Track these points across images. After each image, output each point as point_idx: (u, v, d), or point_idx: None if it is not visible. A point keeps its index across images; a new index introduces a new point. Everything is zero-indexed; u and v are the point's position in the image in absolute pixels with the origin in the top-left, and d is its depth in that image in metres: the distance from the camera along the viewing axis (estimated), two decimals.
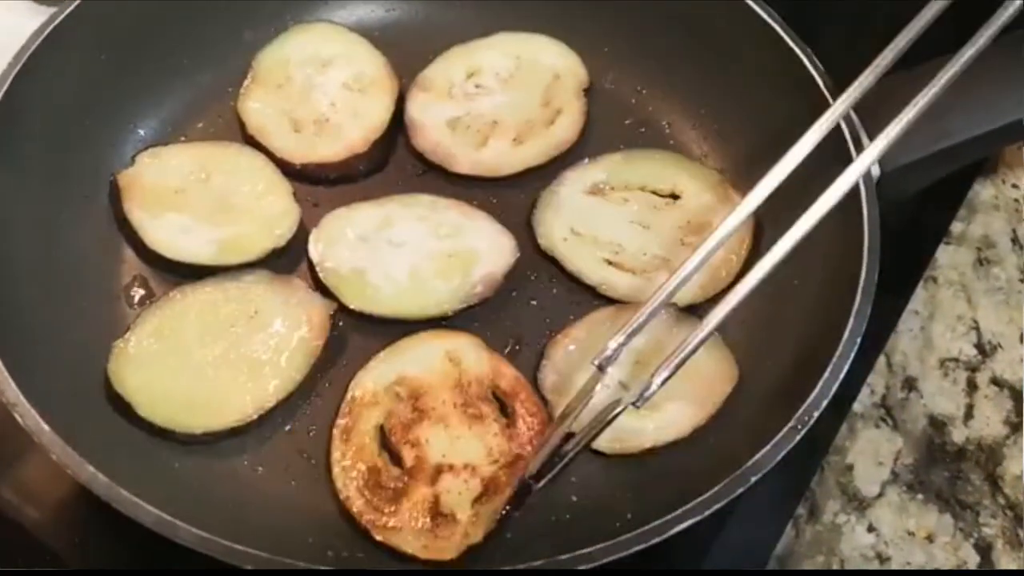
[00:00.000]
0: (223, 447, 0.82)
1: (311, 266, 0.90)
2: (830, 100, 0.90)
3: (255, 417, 0.82)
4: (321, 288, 0.89)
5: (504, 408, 0.83)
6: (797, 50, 0.93)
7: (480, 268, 0.90)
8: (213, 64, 1.01)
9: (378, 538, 0.76)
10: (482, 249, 0.91)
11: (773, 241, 0.92)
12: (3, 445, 0.86)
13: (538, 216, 0.94)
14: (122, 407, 0.81)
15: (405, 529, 0.76)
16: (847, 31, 1.19)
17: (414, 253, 0.91)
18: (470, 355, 0.85)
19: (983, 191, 1.09)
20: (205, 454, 0.81)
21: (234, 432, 0.82)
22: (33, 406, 0.72)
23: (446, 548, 0.76)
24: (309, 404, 0.85)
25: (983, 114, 0.93)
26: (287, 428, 0.84)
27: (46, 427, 0.71)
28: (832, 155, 0.88)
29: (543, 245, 0.93)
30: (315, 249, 0.90)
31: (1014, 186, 1.09)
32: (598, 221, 0.94)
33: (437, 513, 0.77)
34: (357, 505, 0.78)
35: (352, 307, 0.88)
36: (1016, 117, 0.93)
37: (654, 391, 0.74)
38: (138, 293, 0.91)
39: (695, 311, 0.89)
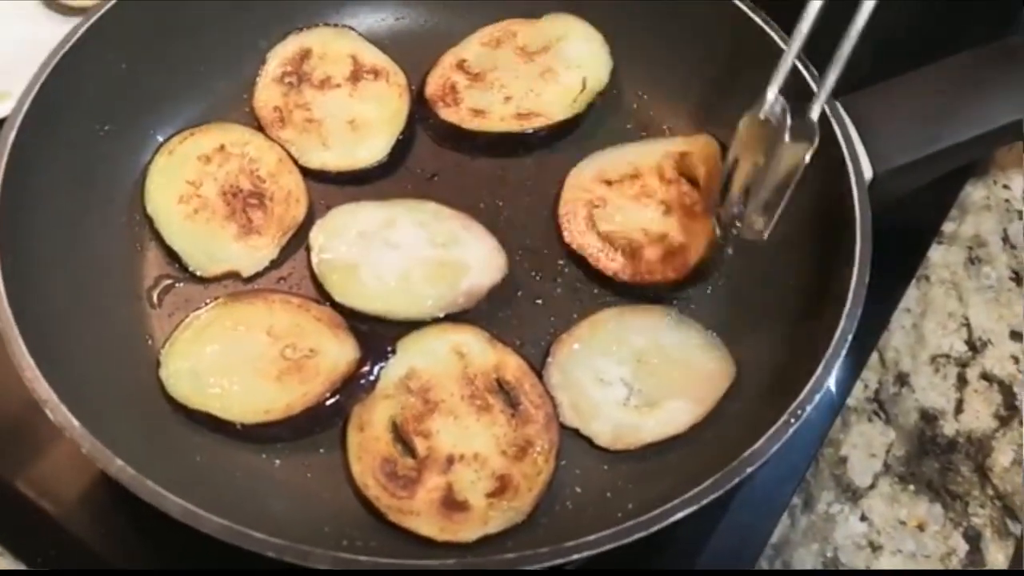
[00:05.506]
0: (241, 443, 0.85)
1: (308, 253, 0.93)
2: (826, 110, 0.92)
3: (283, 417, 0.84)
4: (313, 278, 0.92)
5: (512, 399, 0.86)
6: (800, 67, 0.94)
7: (467, 280, 0.91)
8: (228, 72, 1.04)
9: (394, 521, 0.79)
10: (472, 262, 0.92)
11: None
12: (25, 438, 0.89)
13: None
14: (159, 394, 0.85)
15: (421, 514, 0.79)
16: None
17: (407, 257, 0.92)
18: (475, 348, 0.87)
19: (974, 192, 1.11)
20: (225, 448, 0.84)
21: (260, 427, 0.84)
22: (63, 402, 0.74)
23: (462, 531, 0.78)
24: None
25: (976, 118, 0.94)
26: None
27: (76, 423, 0.73)
28: (824, 158, 0.91)
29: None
30: (316, 239, 0.93)
31: (1005, 187, 1.11)
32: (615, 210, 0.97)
33: (451, 499, 0.80)
34: (374, 491, 0.81)
35: (337, 300, 0.90)
36: (1009, 119, 0.94)
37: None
38: (160, 295, 0.94)
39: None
